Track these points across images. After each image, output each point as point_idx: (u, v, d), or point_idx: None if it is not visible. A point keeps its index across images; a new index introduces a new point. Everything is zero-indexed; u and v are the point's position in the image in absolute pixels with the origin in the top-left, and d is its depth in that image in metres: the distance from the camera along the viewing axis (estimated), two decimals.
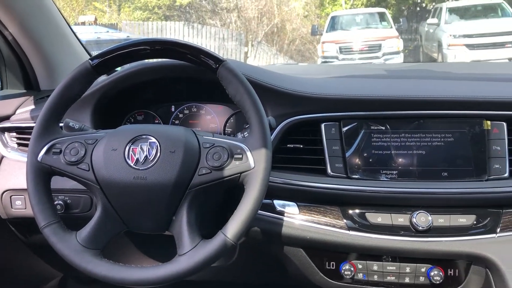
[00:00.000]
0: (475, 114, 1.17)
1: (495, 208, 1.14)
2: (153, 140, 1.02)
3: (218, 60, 1.04)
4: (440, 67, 1.89)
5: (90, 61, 1.05)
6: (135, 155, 1.00)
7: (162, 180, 0.98)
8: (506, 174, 1.13)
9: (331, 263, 1.23)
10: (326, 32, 11.27)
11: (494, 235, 1.11)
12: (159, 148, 1.01)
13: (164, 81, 1.32)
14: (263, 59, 13.91)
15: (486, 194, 1.12)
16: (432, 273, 1.16)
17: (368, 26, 11.30)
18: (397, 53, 10.18)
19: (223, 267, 1.56)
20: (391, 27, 11.08)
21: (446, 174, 1.15)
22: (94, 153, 1.02)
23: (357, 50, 10.25)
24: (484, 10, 11.81)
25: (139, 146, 1.01)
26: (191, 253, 0.96)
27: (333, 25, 11.47)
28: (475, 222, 1.13)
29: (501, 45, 9.58)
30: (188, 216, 0.99)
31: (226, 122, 1.40)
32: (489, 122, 1.16)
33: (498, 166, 1.14)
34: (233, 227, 0.95)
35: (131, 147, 1.01)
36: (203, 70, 1.05)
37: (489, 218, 1.13)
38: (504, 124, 1.16)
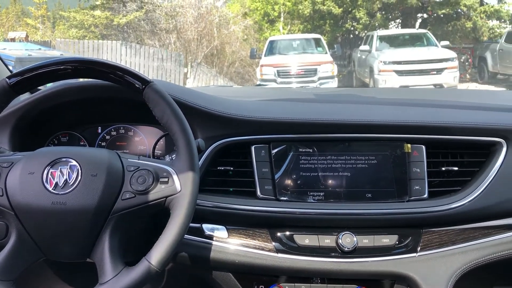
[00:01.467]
0: (396, 138, 1.22)
1: (416, 228, 1.18)
2: (74, 163, 0.97)
3: (145, 81, 1.02)
4: (367, 92, 1.98)
5: (7, 79, 0.99)
6: (54, 179, 0.96)
7: (83, 205, 0.93)
8: (425, 195, 1.19)
9: (260, 286, 1.22)
10: (265, 55, 11.50)
11: (415, 254, 1.16)
12: (80, 171, 0.96)
13: (90, 102, 1.27)
14: (202, 80, 13.91)
15: (407, 214, 1.16)
16: None
17: (304, 51, 11.67)
18: (332, 77, 10.56)
19: None
20: (326, 53, 11.50)
21: (370, 195, 1.19)
22: (9, 177, 0.96)
23: (294, 74, 10.52)
24: (411, 38, 12.61)
25: (59, 170, 0.96)
26: (113, 281, 0.91)
27: (271, 49, 11.73)
28: (397, 242, 1.16)
29: (427, 72, 10.23)
30: (110, 242, 0.95)
31: (156, 144, 1.37)
32: (409, 145, 1.21)
33: (418, 187, 1.19)
34: (157, 254, 0.92)
35: (50, 171, 0.96)
36: (131, 91, 1.02)
37: (410, 238, 1.17)
38: (423, 147, 1.22)
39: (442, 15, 16.07)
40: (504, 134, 1.21)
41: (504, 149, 1.21)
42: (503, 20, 15.85)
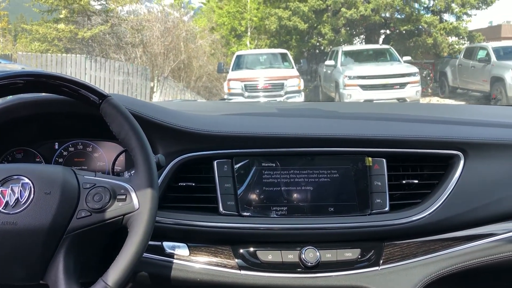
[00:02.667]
0: (358, 151, 1.23)
1: (378, 241, 1.19)
2: (26, 180, 0.93)
3: (101, 95, 0.99)
4: (331, 107, 2.00)
5: None
6: (4, 198, 0.91)
7: (35, 225, 0.89)
8: (387, 208, 1.19)
9: None
10: (232, 70, 11.54)
11: (377, 267, 1.16)
12: (32, 189, 0.92)
13: (46, 117, 1.23)
14: (169, 95, 13.81)
15: (368, 228, 1.17)
16: None
17: (271, 66, 11.78)
18: (299, 92, 10.68)
19: None
20: (293, 68, 11.65)
21: (332, 209, 1.19)
22: None
23: (261, 88, 10.59)
24: (375, 54, 12.95)
25: (10, 188, 0.92)
26: None
27: (239, 63, 11.80)
28: (360, 256, 1.16)
29: (391, 86, 10.50)
30: (65, 263, 0.91)
31: (115, 160, 1.34)
32: (370, 159, 1.22)
33: (379, 200, 1.20)
34: (114, 274, 0.88)
35: (0, 189, 0.92)
36: (88, 106, 0.99)
37: (372, 251, 1.17)
38: (384, 160, 1.23)
39: (404, 31, 16.60)
40: (462, 147, 1.24)
41: (462, 162, 1.23)
42: (461, 37, 16.51)
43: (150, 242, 0.97)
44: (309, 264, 1.13)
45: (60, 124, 1.29)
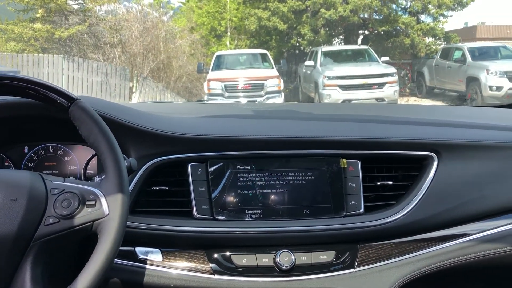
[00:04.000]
0: (332, 153, 1.22)
1: (353, 243, 1.19)
2: None
3: (70, 99, 0.97)
4: (307, 108, 2.00)
5: None
6: None
7: (1, 232, 0.86)
8: (361, 210, 1.20)
9: None
10: (212, 70, 11.50)
11: (352, 270, 1.16)
12: None
13: (14, 120, 1.20)
14: (149, 95, 13.68)
15: (343, 230, 1.17)
16: None
17: (251, 66, 11.79)
18: (279, 92, 10.71)
19: None
20: (273, 68, 11.67)
21: (307, 211, 1.18)
22: None
23: (241, 88, 10.58)
24: (353, 54, 13.07)
25: None
26: None
27: (218, 64, 11.76)
28: (334, 259, 1.16)
29: (369, 86, 10.60)
30: (32, 271, 0.88)
31: (87, 163, 1.31)
32: (345, 161, 1.22)
33: (354, 202, 1.20)
34: (83, 283, 0.86)
35: None
36: (55, 109, 0.97)
37: (347, 254, 1.17)
38: (359, 162, 1.23)
39: (382, 32, 16.76)
40: (435, 148, 1.25)
41: (435, 163, 1.24)
42: (438, 38, 16.77)
43: (122, 248, 0.95)
44: (284, 267, 1.12)
45: (29, 127, 1.25)
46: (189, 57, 16.69)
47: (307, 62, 12.87)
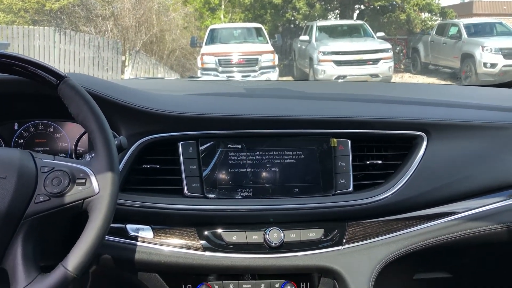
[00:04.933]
0: (323, 132, 1.23)
1: (341, 221, 1.21)
2: None
3: (59, 76, 0.96)
4: (298, 86, 1.99)
5: None
6: None
7: None
8: (350, 189, 1.21)
9: (188, 286, 1.20)
10: (206, 44, 11.37)
11: (340, 247, 1.18)
12: None
13: (4, 97, 1.19)
14: (142, 69, 13.54)
15: (332, 208, 1.18)
16: None
17: (245, 40, 11.66)
18: (273, 67, 10.63)
19: None
20: (267, 42, 11.54)
21: (297, 190, 1.20)
22: None
23: (235, 63, 10.49)
24: (349, 29, 12.95)
25: None
26: None
27: (212, 38, 11.62)
28: (323, 236, 1.18)
29: (364, 62, 10.55)
30: (23, 248, 0.89)
31: (78, 141, 1.31)
32: (335, 140, 1.23)
33: (343, 181, 1.21)
34: (74, 259, 0.87)
35: None
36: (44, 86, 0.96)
37: (335, 231, 1.19)
38: (349, 141, 1.24)
39: (378, 7, 16.60)
40: (425, 128, 1.26)
41: (425, 143, 1.25)
42: (434, 13, 16.63)
43: (113, 225, 0.96)
44: (273, 244, 1.14)
45: (19, 104, 1.25)
46: (182, 30, 16.45)
47: (302, 37, 12.75)
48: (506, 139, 1.30)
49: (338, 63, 10.53)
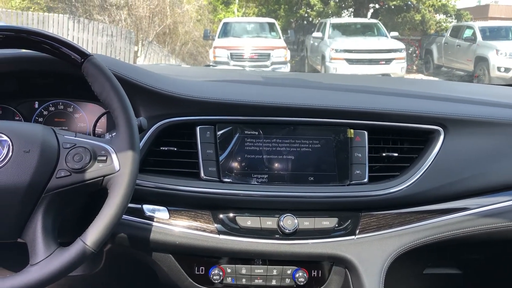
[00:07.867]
0: (340, 123, 1.23)
1: (355, 211, 1.21)
2: (5, 138, 0.92)
3: (84, 55, 0.97)
4: (316, 78, 1.99)
5: None
6: None
7: (14, 182, 0.89)
8: (366, 180, 1.21)
9: (201, 268, 1.21)
10: (218, 37, 11.38)
11: (353, 236, 1.19)
12: (11, 147, 0.91)
13: (26, 74, 1.20)
14: (154, 60, 13.59)
15: (347, 198, 1.19)
16: (297, 275, 1.20)
17: (258, 35, 11.65)
18: (285, 63, 10.62)
19: (88, 276, 1.46)
20: (280, 38, 11.54)
21: (312, 178, 1.20)
22: None
23: (247, 57, 10.49)
24: (362, 28, 12.87)
25: None
26: (45, 262, 0.88)
27: (225, 31, 11.63)
28: (337, 225, 1.19)
29: (376, 61, 10.50)
30: (43, 222, 0.91)
31: (97, 121, 1.32)
32: (352, 131, 1.23)
33: (359, 172, 1.22)
34: (93, 234, 0.89)
35: None
36: (70, 64, 0.97)
37: (349, 221, 1.20)
38: (366, 132, 1.24)
39: (393, 7, 16.49)
40: (442, 122, 1.26)
41: (442, 137, 1.25)
42: (449, 15, 16.50)
43: (130, 205, 0.97)
44: (287, 230, 1.15)
45: (40, 82, 1.26)
46: (195, 23, 16.47)
47: (315, 34, 12.70)
48: None
49: (350, 61, 10.48)
